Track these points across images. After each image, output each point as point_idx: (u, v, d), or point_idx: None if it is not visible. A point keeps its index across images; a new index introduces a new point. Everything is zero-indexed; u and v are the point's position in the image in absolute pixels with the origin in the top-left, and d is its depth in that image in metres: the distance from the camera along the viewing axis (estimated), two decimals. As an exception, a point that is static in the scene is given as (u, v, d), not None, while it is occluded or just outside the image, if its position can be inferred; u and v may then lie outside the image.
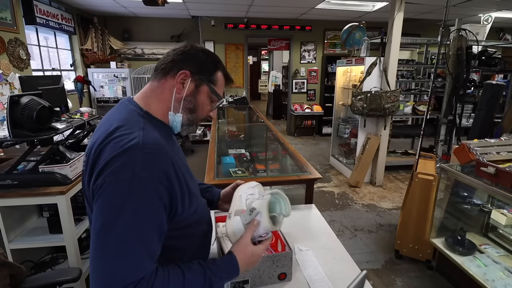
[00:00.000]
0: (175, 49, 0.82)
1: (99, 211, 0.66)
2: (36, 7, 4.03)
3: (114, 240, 0.63)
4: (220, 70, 0.85)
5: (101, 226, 0.65)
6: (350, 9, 5.22)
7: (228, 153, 2.69)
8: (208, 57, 0.84)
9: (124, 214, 0.64)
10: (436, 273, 2.32)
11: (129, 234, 0.64)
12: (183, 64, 0.80)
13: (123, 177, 0.65)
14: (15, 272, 1.17)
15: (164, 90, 0.80)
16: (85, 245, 2.11)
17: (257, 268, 0.98)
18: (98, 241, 0.65)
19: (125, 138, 0.69)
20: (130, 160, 0.66)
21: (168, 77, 0.80)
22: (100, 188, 0.66)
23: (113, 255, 0.63)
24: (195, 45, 0.84)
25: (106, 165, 0.66)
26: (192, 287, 0.71)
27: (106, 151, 0.68)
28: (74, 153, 1.94)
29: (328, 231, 1.39)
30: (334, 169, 4.80)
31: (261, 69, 12.79)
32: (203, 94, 0.83)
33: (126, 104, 0.81)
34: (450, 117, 3.74)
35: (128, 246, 0.64)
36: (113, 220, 0.64)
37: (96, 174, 0.67)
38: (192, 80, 0.80)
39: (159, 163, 0.69)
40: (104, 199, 0.65)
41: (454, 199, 2.32)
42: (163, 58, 0.82)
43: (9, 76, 3.28)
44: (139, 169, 0.66)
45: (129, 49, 6.09)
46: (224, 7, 5.30)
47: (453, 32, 3.49)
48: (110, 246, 0.63)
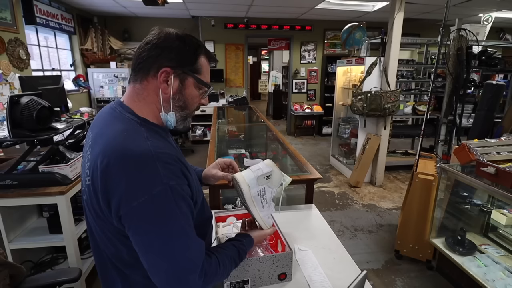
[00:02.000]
0: (147, 42, 0.74)
1: (149, 227, 0.66)
2: (36, 7, 4.02)
3: (176, 240, 0.67)
4: (202, 55, 0.78)
5: (156, 238, 0.66)
6: (350, 9, 5.22)
7: (228, 153, 2.69)
8: (186, 44, 0.75)
9: (173, 217, 0.68)
10: (436, 273, 2.32)
11: (185, 229, 0.69)
12: (162, 59, 0.73)
13: (156, 191, 0.65)
14: (15, 272, 1.17)
15: (149, 93, 0.76)
16: (85, 245, 2.11)
17: (257, 268, 0.98)
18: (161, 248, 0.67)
19: (136, 152, 0.66)
20: (154, 173, 0.66)
21: (149, 77, 0.75)
22: (137, 210, 0.65)
23: (182, 249, 0.68)
24: (168, 32, 0.75)
25: (131, 187, 0.64)
26: (232, 263, 0.86)
27: (120, 170, 0.65)
28: (74, 153, 1.94)
29: (328, 231, 1.39)
30: (334, 169, 4.80)
31: (261, 69, 12.79)
32: (189, 87, 0.78)
33: (120, 112, 0.76)
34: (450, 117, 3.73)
35: (189, 238, 0.70)
36: (167, 227, 0.67)
37: (120, 199, 0.65)
38: (175, 76, 0.74)
39: (176, 168, 0.70)
40: (148, 214, 0.66)
41: (454, 199, 2.32)
42: (138, 54, 0.75)
43: (9, 76, 3.28)
44: (166, 179, 0.66)
45: (129, 49, 6.08)
46: (224, 7, 5.30)
47: (453, 32, 3.49)
48: (175, 246, 0.67)
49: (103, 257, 0.79)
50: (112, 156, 0.66)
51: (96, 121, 0.81)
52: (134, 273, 0.76)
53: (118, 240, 0.73)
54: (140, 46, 0.76)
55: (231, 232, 1.13)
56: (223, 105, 5.90)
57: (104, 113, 0.81)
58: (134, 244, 0.68)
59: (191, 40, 0.77)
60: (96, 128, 0.78)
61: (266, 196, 0.97)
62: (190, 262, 0.69)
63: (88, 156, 0.74)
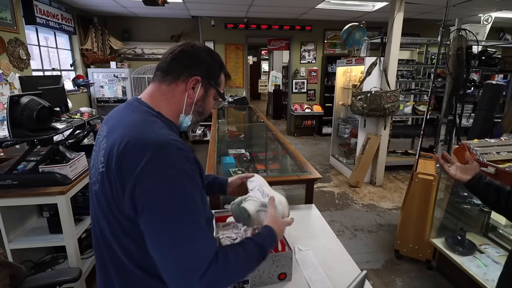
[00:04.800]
0: (181, 51, 0.82)
1: (161, 211, 0.67)
2: (36, 7, 4.02)
3: (186, 228, 0.67)
4: (222, 71, 0.89)
5: (167, 222, 0.67)
6: (350, 9, 5.22)
7: (228, 153, 2.69)
8: (213, 59, 0.86)
9: (186, 203, 0.68)
10: (436, 273, 2.32)
11: (197, 218, 0.69)
12: (194, 69, 0.82)
13: (169, 174, 0.67)
14: (15, 272, 1.17)
15: (175, 95, 0.82)
16: (85, 245, 2.11)
17: (257, 268, 0.98)
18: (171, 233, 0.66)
19: (152, 138, 0.70)
20: (169, 157, 0.68)
21: (179, 82, 0.82)
22: (150, 192, 0.66)
23: (192, 239, 0.67)
24: (196, 44, 0.84)
25: (145, 169, 0.66)
26: (252, 254, 0.79)
27: (137, 154, 0.68)
28: (74, 153, 1.94)
29: (328, 231, 1.39)
30: (334, 169, 4.80)
31: (261, 69, 12.78)
32: (210, 97, 0.87)
33: (136, 105, 0.81)
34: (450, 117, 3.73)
35: (200, 229, 0.69)
36: (179, 212, 0.67)
37: (135, 181, 0.67)
38: (202, 85, 0.83)
39: (190, 155, 0.73)
40: (161, 196, 0.67)
41: (454, 199, 2.32)
42: (169, 60, 0.82)
43: (9, 76, 3.28)
44: (180, 163, 0.69)
45: (129, 49, 6.09)
46: (224, 7, 5.30)
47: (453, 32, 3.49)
48: (184, 234, 0.66)
49: (103, 255, 0.79)
50: (130, 141, 0.69)
51: (112, 114, 0.85)
52: (134, 272, 0.76)
53: (124, 233, 0.72)
54: (172, 51, 0.83)
55: (231, 233, 1.13)
56: (223, 105, 5.90)
57: (119, 108, 0.85)
58: (144, 230, 0.68)
59: (218, 57, 0.88)
60: (112, 120, 0.82)
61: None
62: (199, 255, 0.67)
63: (103, 145, 0.76)
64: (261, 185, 1.08)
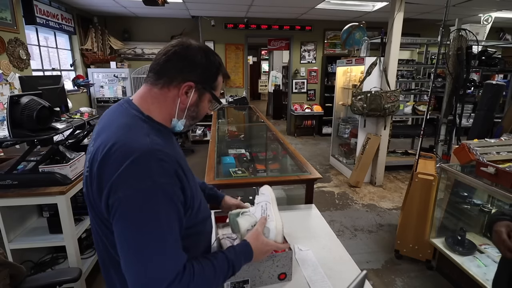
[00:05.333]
0: (175, 52, 0.78)
1: (129, 222, 0.67)
2: (36, 7, 4.02)
3: (152, 242, 0.66)
4: (220, 73, 0.85)
5: (134, 235, 0.66)
6: (350, 9, 5.22)
7: (228, 153, 2.69)
8: (210, 61, 0.81)
9: (156, 218, 0.67)
10: (436, 273, 2.32)
11: (164, 235, 0.68)
12: (187, 73, 0.78)
13: (144, 186, 0.66)
14: (15, 272, 1.17)
15: (167, 99, 0.79)
16: (85, 245, 2.11)
17: (257, 268, 0.98)
18: (137, 246, 0.66)
19: (134, 146, 0.68)
20: (146, 168, 0.67)
21: (171, 86, 0.78)
22: (122, 201, 0.66)
23: (157, 255, 0.66)
24: (191, 44, 0.80)
25: (121, 177, 0.66)
26: (220, 271, 0.78)
27: (116, 161, 0.67)
28: (74, 153, 1.94)
29: (328, 231, 1.39)
30: (334, 169, 4.80)
31: (261, 69, 12.78)
32: (204, 101, 0.84)
33: (126, 108, 0.79)
34: (450, 117, 3.73)
35: (167, 245, 0.68)
36: (146, 226, 0.66)
37: (110, 187, 0.67)
38: (195, 90, 0.80)
39: (170, 167, 0.70)
40: (132, 208, 0.66)
41: (454, 199, 2.32)
42: (162, 61, 0.78)
43: (9, 76, 3.28)
44: (157, 176, 0.67)
45: (129, 49, 6.09)
46: (224, 7, 5.30)
47: (453, 32, 3.49)
48: (151, 247, 0.66)
49: (101, 251, 0.81)
50: (113, 146, 0.69)
51: (103, 117, 0.84)
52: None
53: (111, 233, 0.72)
54: (166, 52, 0.79)
55: (230, 233, 1.13)
56: (223, 105, 5.90)
57: (111, 109, 0.84)
58: (115, 236, 0.69)
59: (214, 58, 0.83)
60: (101, 123, 0.81)
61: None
62: (162, 271, 0.66)
63: (90, 149, 0.76)
64: (267, 202, 1.05)
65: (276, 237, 0.96)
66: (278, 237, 0.96)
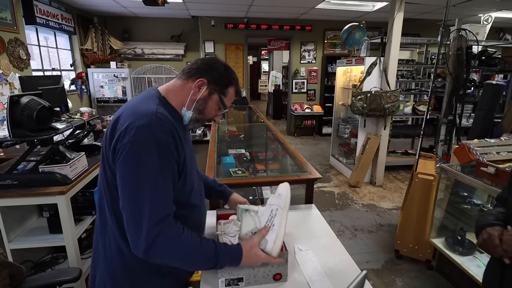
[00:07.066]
0: (203, 59, 1.00)
1: (130, 166, 0.82)
2: (36, 7, 4.02)
3: (149, 185, 0.81)
4: (233, 86, 1.01)
5: (132, 178, 0.81)
6: (350, 9, 5.22)
7: (228, 153, 2.69)
8: (227, 72, 1.00)
9: (154, 163, 0.82)
10: (436, 273, 2.32)
11: (160, 179, 0.83)
12: (205, 73, 0.96)
13: (145, 137, 0.81)
14: (15, 272, 1.17)
15: (183, 89, 0.97)
16: (85, 245, 2.11)
17: (251, 267, 0.98)
18: (136, 187, 0.81)
19: (142, 107, 0.87)
20: (148, 123, 0.82)
21: (190, 80, 0.97)
22: (125, 148, 0.81)
23: (154, 194, 0.82)
24: (219, 60, 1.02)
25: (127, 129, 0.81)
26: (204, 253, 0.88)
27: (127, 117, 0.84)
28: (74, 153, 1.94)
29: (328, 231, 1.39)
30: (334, 169, 4.80)
31: (261, 69, 12.78)
32: (213, 101, 0.98)
33: (149, 90, 0.99)
34: (450, 117, 3.73)
35: (162, 188, 0.83)
36: (145, 170, 0.81)
37: (118, 136, 0.82)
38: (207, 88, 0.96)
39: (167, 126, 0.85)
40: (132, 154, 0.81)
41: (454, 199, 2.32)
42: (192, 63, 1.00)
43: (9, 76, 3.28)
44: (156, 130, 0.83)
45: (129, 49, 6.08)
46: (224, 7, 5.30)
47: (453, 32, 3.49)
48: (148, 189, 0.81)
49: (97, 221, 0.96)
50: (125, 109, 0.89)
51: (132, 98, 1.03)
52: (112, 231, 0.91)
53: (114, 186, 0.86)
54: (197, 60, 1.01)
55: (230, 230, 1.13)
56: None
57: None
58: (117, 178, 0.84)
59: (232, 74, 1.02)
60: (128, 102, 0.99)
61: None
62: (156, 208, 0.81)
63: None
64: (279, 207, 1.02)
65: (272, 251, 0.97)
66: (274, 251, 0.97)
